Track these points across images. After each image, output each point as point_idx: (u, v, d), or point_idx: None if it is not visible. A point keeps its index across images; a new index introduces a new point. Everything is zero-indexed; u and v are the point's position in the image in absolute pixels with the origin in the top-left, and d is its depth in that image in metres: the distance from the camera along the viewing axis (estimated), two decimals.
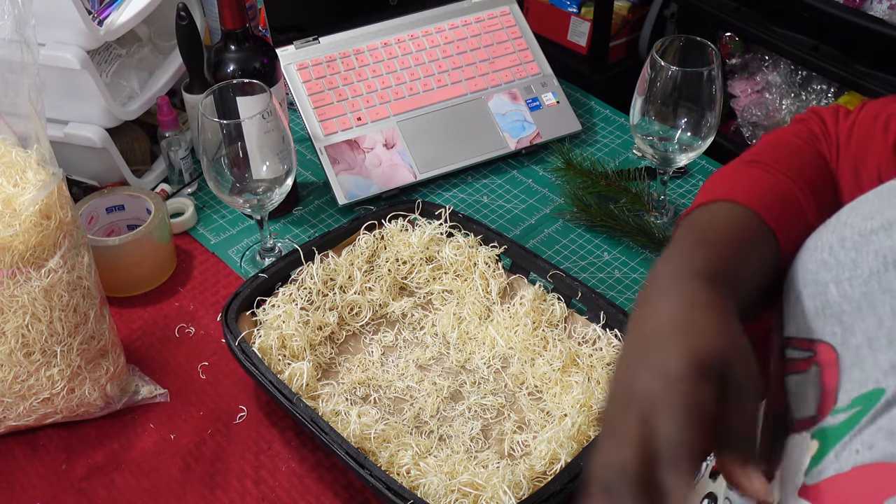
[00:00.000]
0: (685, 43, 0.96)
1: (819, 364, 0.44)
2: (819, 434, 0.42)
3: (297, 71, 1.13)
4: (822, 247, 0.47)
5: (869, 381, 0.41)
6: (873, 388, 0.40)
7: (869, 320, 0.42)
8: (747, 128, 1.67)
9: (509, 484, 0.71)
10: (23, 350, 0.76)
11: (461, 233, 0.96)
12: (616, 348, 0.85)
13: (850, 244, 0.45)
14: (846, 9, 1.43)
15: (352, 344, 0.91)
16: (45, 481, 0.80)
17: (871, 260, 0.43)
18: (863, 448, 0.38)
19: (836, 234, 0.46)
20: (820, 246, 0.47)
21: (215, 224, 1.08)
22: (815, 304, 0.46)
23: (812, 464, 0.40)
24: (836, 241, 0.46)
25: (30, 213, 0.72)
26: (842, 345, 0.43)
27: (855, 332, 0.43)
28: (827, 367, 0.44)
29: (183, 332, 0.94)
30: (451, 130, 1.15)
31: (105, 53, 1.06)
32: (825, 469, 0.39)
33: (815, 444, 0.41)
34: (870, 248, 0.44)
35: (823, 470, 0.39)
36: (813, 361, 0.45)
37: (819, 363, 0.44)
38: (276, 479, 0.80)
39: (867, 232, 0.44)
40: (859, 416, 0.40)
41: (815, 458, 0.40)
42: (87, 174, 1.07)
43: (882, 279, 0.42)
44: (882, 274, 0.43)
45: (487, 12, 1.23)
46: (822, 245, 0.47)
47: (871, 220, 0.45)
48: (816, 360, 0.44)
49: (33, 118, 0.74)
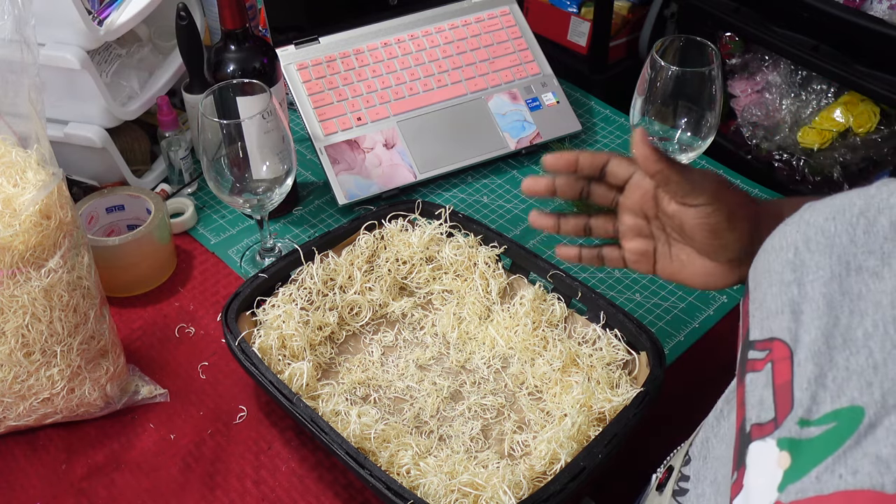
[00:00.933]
0: (685, 43, 0.96)
1: (773, 360, 0.45)
2: (787, 444, 0.42)
3: (297, 71, 1.13)
4: (788, 247, 0.47)
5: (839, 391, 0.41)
6: (849, 404, 0.40)
7: (825, 318, 0.43)
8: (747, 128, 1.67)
9: (509, 484, 0.71)
10: (23, 350, 0.76)
11: (461, 233, 0.96)
12: (616, 348, 0.85)
13: (815, 245, 0.46)
14: (846, 9, 1.43)
15: (352, 344, 0.91)
16: (45, 481, 0.80)
17: (834, 262, 0.44)
18: (847, 473, 0.38)
19: (800, 233, 0.47)
20: (786, 246, 0.47)
21: (215, 224, 1.08)
22: (776, 304, 0.46)
23: (787, 479, 0.40)
24: (801, 241, 0.47)
25: (30, 213, 0.72)
26: (794, 340, 0.44)
27: (809, 328, 0.44)
28: (779, 361, 0.44)
29: (183, 332, 0.94)
30: (451, 130, 1.15)
31: (105, 53, 1.06)
32: (805, 489, 0.39)
33: (786, 456, 0.41)
34: (833, 251, 0.45)
35: (803, 490, 0.39)
36: (769, 359, 0.45)
37: (773, 360, 0.45)
38: (276, 479, 0.80)
39: (831, 234, 0.45)
40: (839, 434, 0.40)
41: (789, 474, 0.40)
42: (87, 174, 1.07)
43: (843, 283, 0.44)
44: (844, 278, 0.44)
45: (487, 12, 1.23)
46: (787, 245, 0.47)
47: (833, 222, 0.46)
48: (772, 358, 0.45)
49: (33, 118, 0.74)
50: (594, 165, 0.70)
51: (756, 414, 0.44)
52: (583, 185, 0.71)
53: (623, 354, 0.84)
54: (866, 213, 0.45)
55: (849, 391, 0.40)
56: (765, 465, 0.42)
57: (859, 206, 0.45)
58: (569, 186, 0.71)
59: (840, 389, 0.41)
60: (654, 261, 0.71)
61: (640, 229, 0.70)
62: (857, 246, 0.44)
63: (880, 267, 0.43)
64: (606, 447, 0.73)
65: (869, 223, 0.44)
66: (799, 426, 0.41)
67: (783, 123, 1.60)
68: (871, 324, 0.41)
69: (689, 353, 0.93)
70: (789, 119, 1.59)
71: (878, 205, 0.44)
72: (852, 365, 0.41)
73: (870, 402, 0.39)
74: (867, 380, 0.40)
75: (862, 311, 0.42)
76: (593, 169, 0.70)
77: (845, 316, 0.43)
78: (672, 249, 0.69)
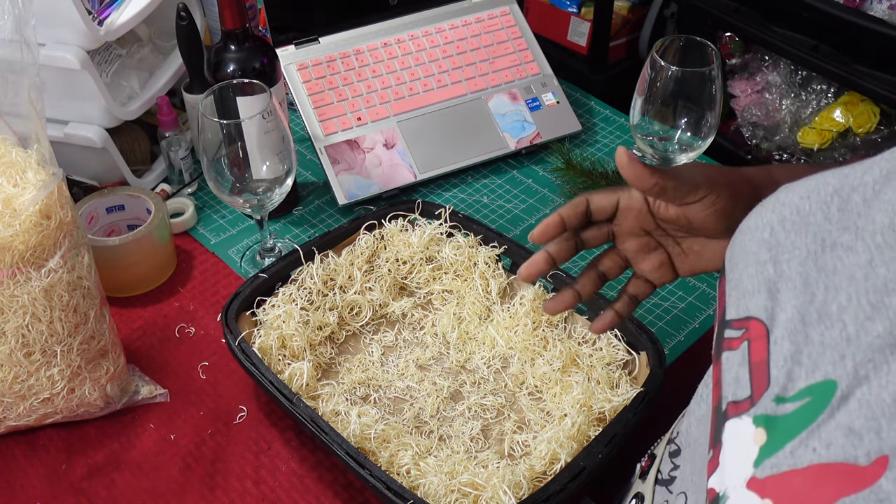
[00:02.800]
0: (685, 43, 0.96)
1: (749, 339, 0.45)
2: (763, 421, 0.42)
3: (297, 71, 1.13)
4: (763, 227, 0.47)
5: (813, 366, 0.41)
6: (823, 379, 0.40)
7: (802, 296, 0.43)
8: (747, 128, 1.67)
9: (509, 484, 0.71)
10: (23, 350, 0.76)
11: (461, 233, 0.96)
12: (616, 348, 0.85)
13: (790, 224, 0.46)
14: (846, 9, 1.43)
15: (352, 344, 0.91)
16: (45, 481, 0.80)
17: (809, 241, 0.45)
18: (820, 447, 0.38)
19: (776, 213, 0.47)
20: (761, 226, 0.48)
21: (215, 224, 1.08)
22: (753, 283, 0.46)
23: (763, 455, 0.40)
24: (776, 220, 0.47)
25: (30, 213, 0.72)
26: (771, 319, 0.44)
27: (786, 307, 0.44)
28: (755, 340, 0.44)
29: (183, 332, 0.94)
30: (451, 130, 1.15)
31: (105, 53, 1.06)
32: (779, 464, 0.39)
33: (762, 432, 0.41)
34: (809, 230, 0.45)
35: (777, 464, 0.39)
36: (745, 338, 0.45)
37: (749, 338, 0.45)
38: (276, 479, 0.80)
39: (806, 213, 0.46)
40: (813, 409, 0.40)
41: (765, 449, 0.40)
42: (87, 174, 1.07)
43: (819, 260, 0.44)
44: (819, 255, 0.44)
45: (487, 12, 1.23)
46: (762, 225, 0.48)
47: (808, 201, 0.46)
48: (748, 336, 0.45)
49: (33, 118, 0.74)
50: (577, 213, 0.69)
51: (732, 392, 0.45)
52: (574, 239, 0.70)
53: (623, 354, 0.84)
54: (840, 191, 0.45)
55: (823, 366, 0.40)
56: (741, 443, 0.42)
57: (833, 185, 0.45)
58: (564, 249, 0.70)
59: (815, 364, 0.41)
60: (673, 266, 0.70)
61: (646, 246, 0.70)
62: (831, 223, 0.44)
63: (854, 241, 0.43)
64: (606, 447, 0.73)
65: (843, 201, 0.44)
66: (775, 403, 0.42)
67: (783, 123, 1.60)
68: (846, 297, 0.41)
69: (689, 353, 0.93)
70: (789, 119, 1.59)
71: (851, 183, 0.45)
72: (826, 339, 0.41)
73: (842, 375, 0.39)
74: (840, 353, 0.40)
75: (836, 285, 0.42)
76: (578, 217, 0.69)
77: (821, 292, 0.43)
78: (683, 246, 0.69)
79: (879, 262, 0.41)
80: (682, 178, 0.64)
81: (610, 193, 0.69)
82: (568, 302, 0.72)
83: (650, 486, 0.62)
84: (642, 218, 0.68)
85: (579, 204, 0.69)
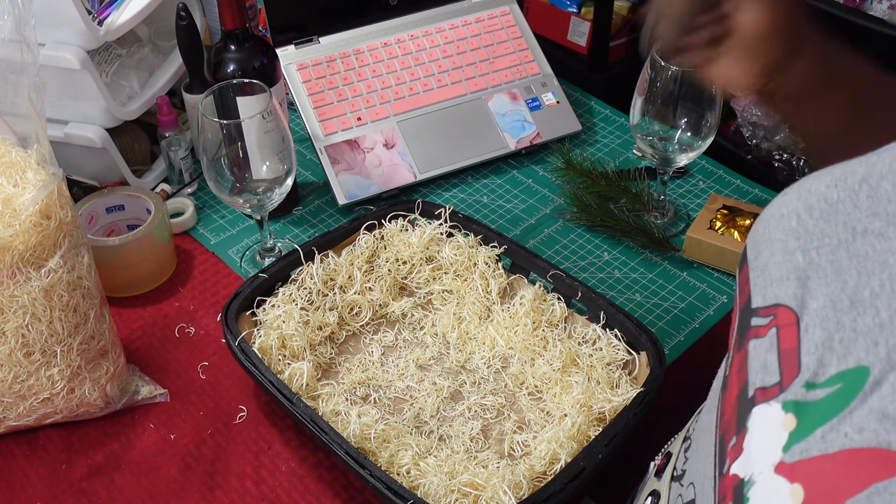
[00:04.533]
0: None
1: (778, 326, 0.45)
2: (793, 407, 0.41)
3: (297, 71, 1.13)
4: (790, 215, 0.47)
5: (845, 352, 0.41)
6: (855, 365, 0.40)
7: (833, 284, 0.43)
8: (747, 128, 1.67)
9: (509, 484, 0.71)
10: (23, 350, 0.76)
11: (461, 233, 0.96)
12: (616, 348, 0.85)
13: (818, 213, 0.46)
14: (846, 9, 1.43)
15: (352, 344, 0.91)
16: (45, 481, 0.80)
17: (839, 230, 0.44)
18: (852, 431, 0.38)
19: (801, 201, 0.47)
20: (787, 214, 0.48)
21: (215, 224, 1.08)
22: (780, 271, 0.46)
23: (792, 440, 0.40)
24: (803, 209, 0.47)
25: (30, 213, 0.72)
26: (801, 307, 0.44)
27: (817, 295, 0.43)
28: (784, 327, 0.44)
29: (183, 332, 0.94)
30: (451, 130, 1.15)
31: (105, 53, 1.06)
32: (809, 449, 0.39)
33: (792, 418, 0.41)
34: (838, 219, 0.45)
35: (808, 449, 0.39)
36: (773, 325, 0.45)
37: (778, 325, 0.45)
38: (276, 479, 0.80)
39: (834, 201, 0.45)
40: (845, 395, 0.39)
41: (795, 435, 0.40)
42: (87, 174, 1.07)
43: (850, 247, 0.43)
44: (850, 243, 0.44)
45: (487, 12, 1.23)
46: (788, 213, 0.47)
47: (835, 189, 0.46)
48: (776, 323, 0.45)
49: (33, 118, 0.74)
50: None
51: (760, 378, 0.44)
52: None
53: (623, 354, 0.84)
54: (868, 179, 0.45)
55: (855, 352, 0.40)
56: (769, 428, 0.42)
57: (861, 174, 0.45)
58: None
59: (846, 350, 0.41)
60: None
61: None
62: (860, 211, 0.44)
63: (885, 227, 0.43)
64: (606, 447, 0.73)
65: (872, 188, 0.44)
66: (805, 389, 0.41)
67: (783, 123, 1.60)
68: (878, 283, 0.41)
69: (689, 353, 0.93)
70: None
71: (880, 171, 0.44)
72: (859, 326, 0.41)
73: (875, 361, 0.39)
74: (873, 339, 0.40)
75: (869, 271, 0.42)
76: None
77: (852, 278, 0.42)
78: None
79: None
80: None
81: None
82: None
83: (666, 483, 0.61)
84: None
85: None
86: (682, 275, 1.01)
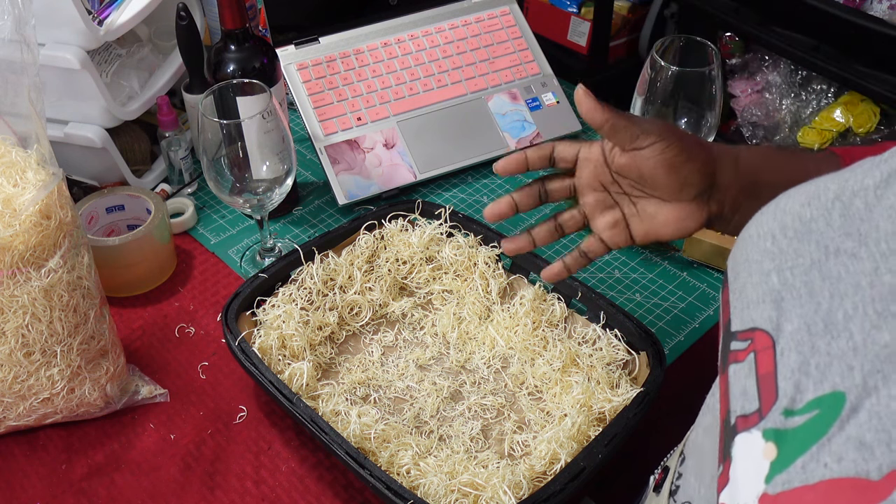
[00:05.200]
0: (685, 43, 0.96)
1: (755, 351, 0.44)
2: (773, 435, 0.41)
3: (297, 71, 1.13)
4: (765, 235, 0.47)
5: (821, 377, 0.40)
6: (831, 390, 0.39)
7: (807, 306, 0.42)
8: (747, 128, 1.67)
9: (509, 484, 0.71)
10: (23, 350, 0.76)
11: (461, 233, 0.96)
12: (616, 348, 0.85)
13: (792, 232, 0.45)
14: (846, 9, 1.43)
15: (352, 344, 0.91)
16: (45, 481, 0.80)
17: (812, 249, 0.44)
18: (831, 461, 0.37)
19: (777, 221, 0.47)
20: (763, 234, 0.47)
21: (215, 224, 1.08)
22: (756, 293, 0.46)
23: (774, 470, 0.40)
24: (777, 229, 0.46)
25: (30, 213, 0.72)
26: (776, 330, 0.43)
27: (791, 317, 0.43)
28: (761, 351, 0.44)
29: (183, 332, 0.94)
30: (451, 130, 1.15)
31: (105, 53, 1.06)
32: (791, 480, 0.39)
33: (772, 447, 0.40)
34: (811, 238, 0.44)
35: (789, 480, 0.39)
36: (751, 349, 0.45)
37: (755, 350, 0.44)
38: (276, 479, 0.80)
39: (807, 220, 0.45)
40: (823, 422, 0.39)
41: (776, 465, 0.40)
42: (87, 174, 1.07)
43: (823, 268, 0.43)
44: (823, 263, 0.43)
45: (487, 12, 1.23)
46: (764, 234, 0.47)
47: (808, 207, 0.45)
48: (754, 348, 0.44)
49: (33, 118, 0.74)
50: (542, 156, 0.74)
51: (740, 405, 0.44)
52: (538, 188, 0.75)
53: (623, 354, 0.84)
54: (841, 196, 0.44)
55: (830, 377, 0.40)
56: (751, 457, 0.41)
57: (834, 191, 0.45)
58: (527, 195, 0.75)
59: (822, 376, 0.40)
60: (628, 227, 0.72)
61: (602, 202, 0.73)
62: (833, 230, 0.43)
63: (857, 248, 0.42)
64: (606, 447, 0.73)
65: (844, 206, 0.44)
66: (783, 416, 0.41)
67: (783, 123, 1.60)
68: (851, 306, 0.41)
69: (689, 353, 0.93)
70: (789, 119, 1.59)
71: (852, 188, 0.44)
72: (833, 349, 0.40)
73: (850, 387, 0.39)
74: (848, 363, 0.39)
75: (842, 293, 0.41)
76: (542, 160, 0.74)
77: (826, 300, 0.42)
78: (638, 207, 0.71)
79: (885, 269, 0.40)
80: (634, 121, 0.67)
81: (573, 143, 0.73)
82: (522, 244, 0.76)
83: (664, 499, 0.61)
84: (599, 170, 0.71)
85: (544, 148, 0.74)
86: (682, 275, 1.01)
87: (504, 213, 0.75)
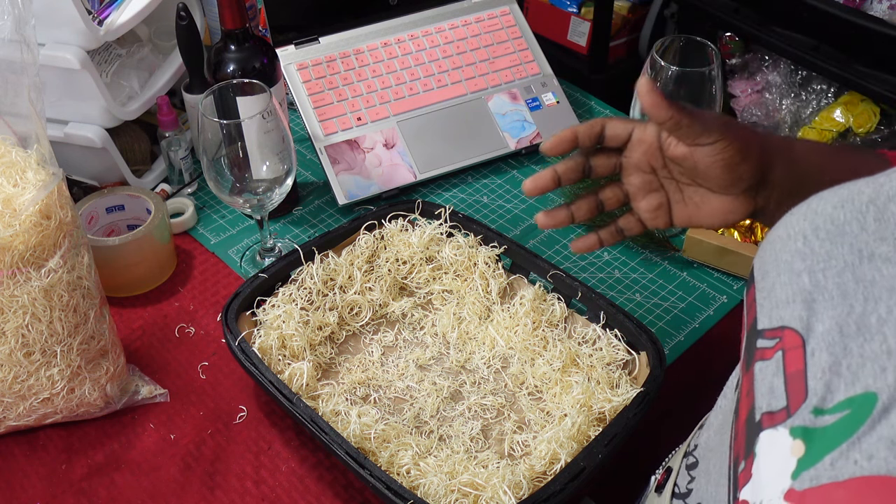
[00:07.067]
0: (685, 43, 0.96)
1: (783, 349, 0.44)
2: (801, 433, 0.41)
3: (297, 71, 1.13)
4: (796, 236, 0.47)
5: (853, 378, 0.40)
6: (863, 391, 0.40)
7: (840, 308, 0.43)
8: None
9: (509, 484, 0.71)
10: (23, 350, 0.76)
11: (461, 233, 0.96)
12: (616, 348, 0.85)
13: (825, 234, 0.45)
14: (846, 9, 1.43)
15: (352, 344, 0.91)
16: (45, 481, 0.80)
17: (846, 252, 0.44)
18: (862, 458, 0.38)
19: (808, 222, 0.47)
20: (793, 235, 0.47)
21: (215, 224, 1.08)
22: (786, 293, 0.46)
23: (801, 466, 0.40)
24: (809, 230, 0.46)
25: (30, 213, 0.72)
26: (807, 330, 0.44)
27: (823, 318, 0.43)
28: (790, 350, 0.44)
29: (183, 332, 0.94)
30: (451, 130, 1.15)
31: (105, 53, 1.06)
32: (819, 476, 0.39)
33: (800, 444, 0.41)
34: (845, 240, 0.44)
35: (817, 476, 0.39)
36: (779, 348, 0.45)
37: (784, 348, 0.44)
38: (276, 479, 0.80)
39: (841, 223, 0.45)
40: (854, 421, 0.39)
41: (803, 461, 0.40)
42: (87, 174, 1.07)
43: (856, 271, 0.43)
44: (857, 266, 0.43)
45: (487, 12, 1.23)
46: (794, 234, 0.47)
47: (842, 210, 0.45)
48: (782, 346, 0.45)
49: (33, 118, 0.74)
50: (592, 134, 0.70)
51: (766, 402, 0.44)
52: (584, 162, 0.71)
53: (623, 354, 0.84)
54: (875, 200, 0.44)
55: (863, 378, 0.40)
56: (777, 454, 0.42)
57: (868, 195, 0.45)
58: (572, 169, 0.71)
59: (854, 377, 0.40)
60: (670, 211, 0.70)
61: (649, 184, 0.70)
62: (868, 233, 0.44)
63: (892, 252, 0.42)
64: (606, 447, 0.73)
65: (879, 211, 0.44)
66: (813, 415, 0.41)
67: (783, 123, 1.60)
68: (885, 309, 0.41)
69: (689, 353, 0.93)
70: (789, 119, 1.59)
71: (887, 192, 0.44)
72: (866, 352, 0.41)
73: (883, 387, 0.39)
74: (881, 365, 0.40)
75: (876, 297, 0.42)
76: (592, 138, 0.70)
77: (859, 303, 0.42)
78: (685, 194, 0.69)
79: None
80: (698, 117, 0.65)
81: (626, 122, 0.70)
82: (560, 217, 0.72)
83: (667, 500, 0.61)
84: (652, 153, 0.69)
85: (595, 125, 0.70)
86: (682, 275, 1.01)
87: (546, 187, 0.71)
